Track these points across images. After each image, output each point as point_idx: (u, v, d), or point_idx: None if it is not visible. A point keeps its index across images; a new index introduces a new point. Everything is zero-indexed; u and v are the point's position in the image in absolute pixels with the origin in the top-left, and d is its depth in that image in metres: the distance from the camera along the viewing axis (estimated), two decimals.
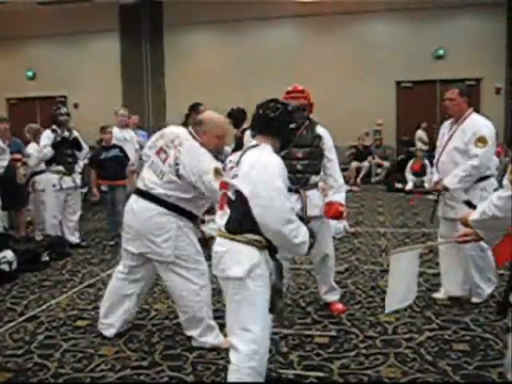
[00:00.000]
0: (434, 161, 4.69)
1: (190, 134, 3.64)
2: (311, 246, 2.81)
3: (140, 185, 3.76)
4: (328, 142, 4.28)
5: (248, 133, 6.04)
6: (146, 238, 3.65)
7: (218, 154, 3.79)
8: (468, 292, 4.55)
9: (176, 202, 3.61)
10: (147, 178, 3.70)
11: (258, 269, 2.70)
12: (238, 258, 2.71)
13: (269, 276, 2.74)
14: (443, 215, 4.53)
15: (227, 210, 2.80)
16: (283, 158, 2.92)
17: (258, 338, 2.69)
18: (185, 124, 6.80)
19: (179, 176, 3.54)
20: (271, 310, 2.77)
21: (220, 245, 2.81)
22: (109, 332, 3.95)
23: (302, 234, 2.72)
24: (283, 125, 2.86)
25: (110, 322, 3.94)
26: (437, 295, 4.70)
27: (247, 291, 2.69)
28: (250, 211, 2.68)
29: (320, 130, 4.30)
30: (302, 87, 4.38)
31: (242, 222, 2.72)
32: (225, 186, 2.88)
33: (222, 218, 2.82)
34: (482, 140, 4.16)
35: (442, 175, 4.46)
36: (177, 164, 3.54)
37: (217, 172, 3.46)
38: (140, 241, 3.69)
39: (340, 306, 4.45)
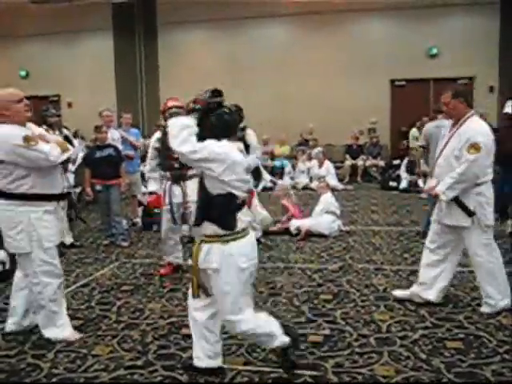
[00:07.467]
0: (433, 162, 4.60)
1: None
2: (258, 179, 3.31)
3: None
4: None
5: (249, 131, 6.06)
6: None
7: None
8: None
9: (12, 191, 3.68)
10: None
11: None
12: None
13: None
14: (438, 219, 4.39)
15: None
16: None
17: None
18: None
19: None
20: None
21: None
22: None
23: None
24: (235, 124, 3.29)
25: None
26: None
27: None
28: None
29: None
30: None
31: None
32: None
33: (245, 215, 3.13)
34: (474, 147, 4.07)
35: (439, 178, 4.36)
36: None
37: (27, 139, 3.59)
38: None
39: None
